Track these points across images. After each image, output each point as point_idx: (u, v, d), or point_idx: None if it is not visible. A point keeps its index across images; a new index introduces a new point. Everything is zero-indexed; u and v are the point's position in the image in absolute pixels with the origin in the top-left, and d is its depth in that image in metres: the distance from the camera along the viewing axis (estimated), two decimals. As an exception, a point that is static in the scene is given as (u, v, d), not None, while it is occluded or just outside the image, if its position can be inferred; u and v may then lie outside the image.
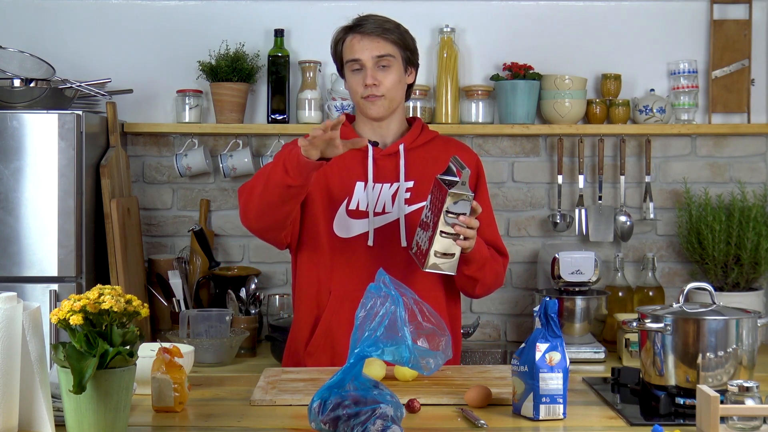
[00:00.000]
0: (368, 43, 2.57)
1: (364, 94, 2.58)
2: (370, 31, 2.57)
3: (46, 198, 3.16)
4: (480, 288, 2.59)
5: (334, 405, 1.81)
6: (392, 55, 2.58)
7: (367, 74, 2.56)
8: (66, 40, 3.68)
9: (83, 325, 1.76)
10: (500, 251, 2.64)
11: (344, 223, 2.58)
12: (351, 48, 2.59)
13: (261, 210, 2.45)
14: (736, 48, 3.70)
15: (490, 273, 2.58)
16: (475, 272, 2.52)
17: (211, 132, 3.65)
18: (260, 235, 2.57)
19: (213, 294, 3.62)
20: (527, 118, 3.62)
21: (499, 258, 2.63)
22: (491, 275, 2.59)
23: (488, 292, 2.65)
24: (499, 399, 2.08)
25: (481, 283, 2.57)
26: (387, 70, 2.58)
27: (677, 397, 2.04)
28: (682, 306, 2.09)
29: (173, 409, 2.04)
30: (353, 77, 2.60)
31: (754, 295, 3.51)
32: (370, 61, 2.56)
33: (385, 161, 2.61)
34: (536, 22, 3.72)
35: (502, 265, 2.64)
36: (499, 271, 2.62)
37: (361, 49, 2.57)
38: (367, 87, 2.57)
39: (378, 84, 2.56)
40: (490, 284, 2.61)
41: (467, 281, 2.56)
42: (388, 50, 2.58)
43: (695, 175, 3.74)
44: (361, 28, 2.58)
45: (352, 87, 2.62)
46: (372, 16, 2.61)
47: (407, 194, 2.59)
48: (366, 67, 2.57)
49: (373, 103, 2.58)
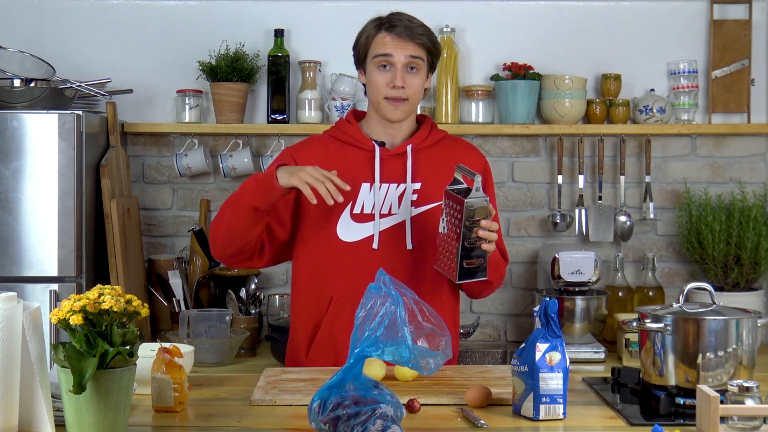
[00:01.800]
0: (402, 42, 2.52)
1: (389, 94, 2.53)
2: (406, 32, 2.53)
3: (46, 198, 3.16)
4: (490, 290, 2.62)
5: (334, 405, 1.81)
6: (422, 58, 2.55)
7: (397, 75, 2.52)
8: (66, 40, 3.68)
9: (83, 325, 1.76)
10: (503, 254, 2.64)
11: (349, 227, 2.55)
12: (383, 44, 2.53)
13: (227, 236, 2.50)
14: (736, 48, 3.70)
15: (500, 275, 2.61)
16: (491, 274, 2.51)
17: (211, 132, 3.65)
18: (230, 261, 2.59)
19: (213, 294, 3.62)
20: (527, 118, 3.62)
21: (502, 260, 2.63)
22: (500, 277, 2.62)
23: (495, 288, 2.67)
24: (499, 399, 2.08)
25: (494, 285, 2.61)
26: (415, 74, 2.55)
27: (677, 397, 2.04)
28: (682, 306, 2.09)
29: (173, 409, 2.04)
30: (379, 73, 2.54)
31: (754, 295, 3.51)
32: (402, 61, 2.52)
33: (392, 161, 2.58)
34: (536, 22, 3.73)
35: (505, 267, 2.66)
36: (503, 273, 2.65)
37: (395, 48, 2.52)
38: (395, 88, 2.52)
39: (405, 87, 2.53)
40: (497, 286, 2.65)
41: (483, 284, 2.55)
42: (420, 53, 2.54)
43: (695, 175, 3.74)
44: (396, 28, 2.53)
45: (375, 83, 2.55)
46: (404, 15, 2.57)
47: (414, 196, 2.56)
48: (396, 67, 2.52)
49: (397, 107, 2.54)
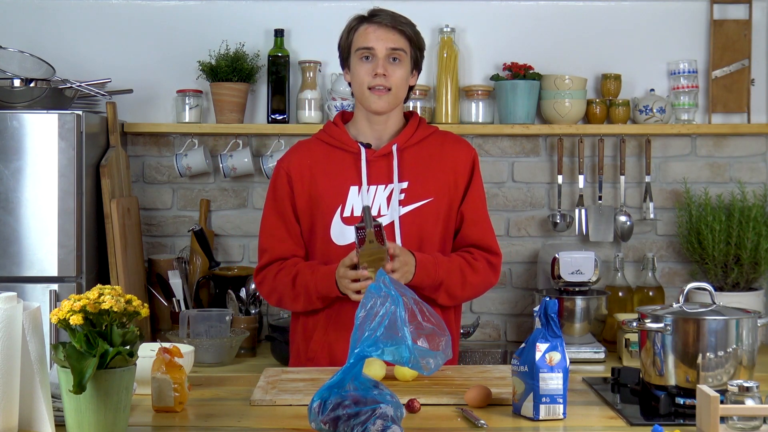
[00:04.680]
0: (383, 33, 2.55)
1: (372, 83, 2.55)
2: (387, 22, 2.55)
3: (46, 198, 3.16)
4: (444, 299, 2.57)
5: (334, 405, 1.81)
6: (404, 50, 2.57)
7: (379, 64, 2.54)
8: (66, 40, 3.68)
9: (83, 325, 1.76)
10: (489, 250, 2.63)
11: (340, 230, 2.56)
12: (365, 36, 2.56)
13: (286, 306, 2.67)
14: (736, 48, 3.70)
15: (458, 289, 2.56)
16: (430, 294, 2.52)
17: (211, 132, 3.65)
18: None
19: (213, 294, 3.62)
20: (527, 118, 3.62)
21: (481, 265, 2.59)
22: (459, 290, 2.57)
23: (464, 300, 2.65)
24: (499, 399, 2.08)
25: (444, 297, 2.56)
26: (397, 65, 2.56)
27: (677, 397, 2.04)
28: (682, 306, 2.09)
29: (173, 409, 2.04)
30: (361, 65, 2.56)
31: (754, 295, 3.51)
32: (382, 52, 2.54)
33: (378, 162, 2.59)
34: (536, 22, 3.73)
35: (489, 268, 2.61)
36: (475, 281, 2.59)
37: (376, 39, 2.54)
38: (377, 76, 2.53)
39: (387, 76, 2.54)
40: (460, 296, 2.59)
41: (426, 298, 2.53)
42: (401, 44, 2.56)
43: (695, 175, 3.74)
44: (377, 18, 2.56)
45: (358, 75, 2.57)
46: (387, 10, 2.60)
47: (401, 195, 2.57)
48: (378, 57, 2.54)
49: (380, 96, 2.55)
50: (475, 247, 2.61)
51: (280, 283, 2.58)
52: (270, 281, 2.60)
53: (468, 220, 2.62)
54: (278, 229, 2.62)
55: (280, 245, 2.62)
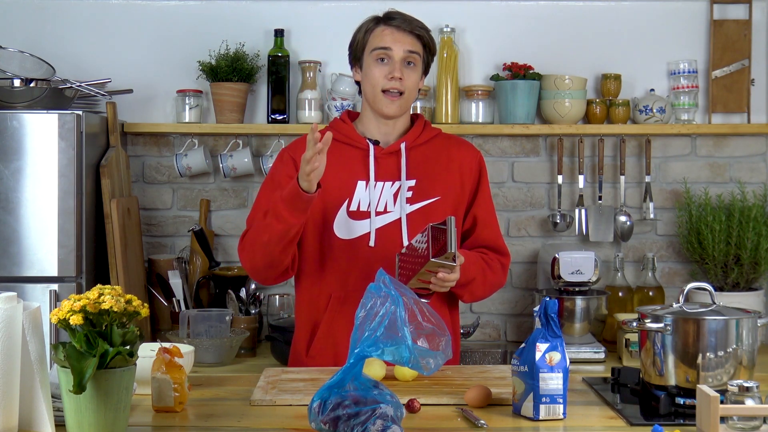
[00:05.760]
0: (402, 36, 2.56)
1: (387, 86, 2.55)
2: (404, 26, 2.56)
3: (46, 198, 3.16)
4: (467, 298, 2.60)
5: (334, 405, 1.81)
6: (419, 54, 2.58)
7: (396, 67, 2.54)
8: (66, 40, 3.68)
9: (83, 325, 1.76)
10: (500, 251, 2.64)
11: (345, 224, 2.56)
12: (382, 37, 2.56)
13: (268, 261, 2.49)
14: (736, 48, 3.70)
15: (480, 288, 2.58)
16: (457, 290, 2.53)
17: (211, 132, 3.65)
18: (269, 281, 2.58)
19: (213, 294, 3.62)
20: (527, 118, 3.62)
21: (496, 266, 2.62)
22: (480, 289, 2.59)
23: (479, 299, 2.67)
24: (499, 399, 2.08)
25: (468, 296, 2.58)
26: (412, 69, 2.57)
27: (677, 397, 2.04)
28: (682, 306, 2.09)
29: (173, 409, 2.04)
30: (377, 66, 2.56)
31: (754, 295, 3.51)
32: (399, 54, 2.55)
33: (386, 159, 2.60)
34: (536, 22, 3.73)
35: (501, 269, 2.64)
36: (493, 281, 2.62)
37: (394, 41, 2.55)
38: (392, 79, 2.54)
39: (403, 79, 2.55)
40: (479, 296, 2.62)
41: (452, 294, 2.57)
42: (417, 48, 2.58)
43: (695, 175, 3.74)
44: (394, 22, 2.57)
45: (373, 76, 2.57)
46: (403, 13, 2.61)
47: (409, 193, 2.58)
48: (394, 59, 2.55)
49: (392, 101, 2.56)
50: (488, 248, 2.63)
51: (254, 232, 2.50)
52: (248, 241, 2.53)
53: (481, 222, 2.64)
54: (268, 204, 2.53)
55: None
